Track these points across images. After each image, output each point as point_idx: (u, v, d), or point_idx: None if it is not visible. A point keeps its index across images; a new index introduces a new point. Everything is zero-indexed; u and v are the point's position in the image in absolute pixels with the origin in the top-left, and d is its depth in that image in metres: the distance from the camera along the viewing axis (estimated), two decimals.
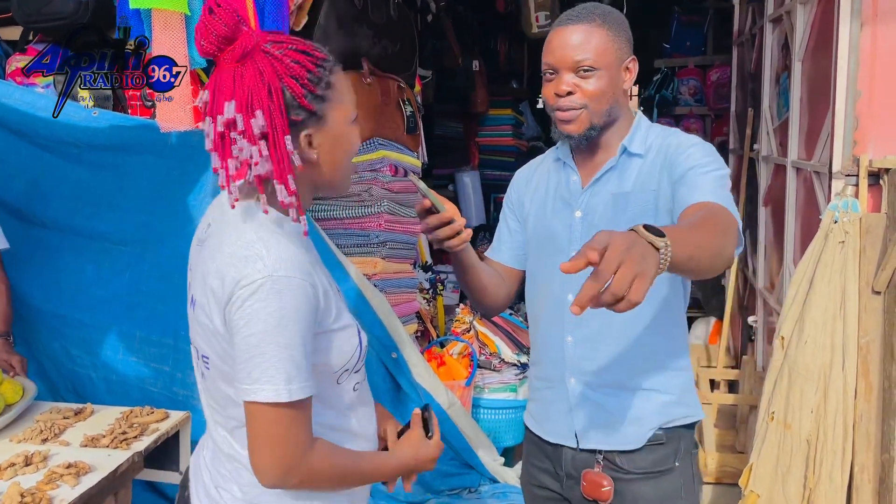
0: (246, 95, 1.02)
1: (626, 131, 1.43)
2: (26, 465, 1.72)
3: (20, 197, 2.69)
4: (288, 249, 1.05)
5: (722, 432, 3.31)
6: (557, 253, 1.46)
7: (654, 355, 1.44)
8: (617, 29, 1.37)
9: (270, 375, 1.02)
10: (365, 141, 2.66)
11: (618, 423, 1.44)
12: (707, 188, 1.30)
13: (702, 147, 1.38)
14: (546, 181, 1.53)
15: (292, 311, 1.02)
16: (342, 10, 2.57)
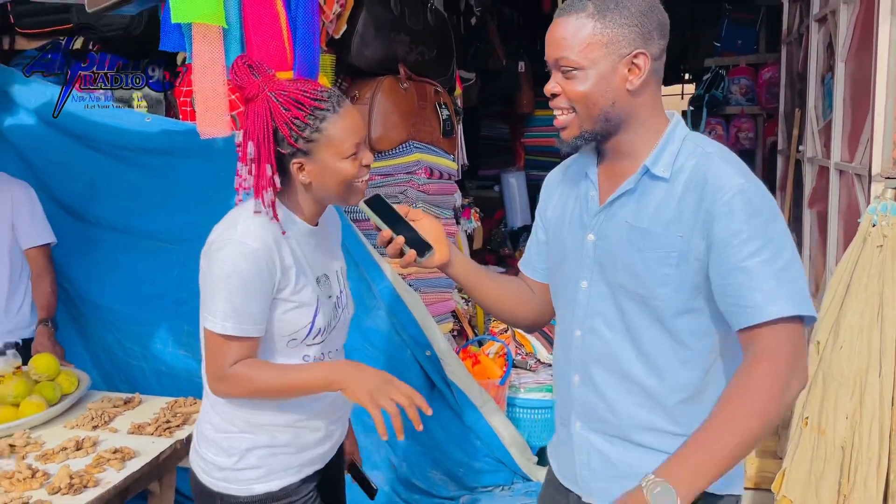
0: (247, 128, 1.34)
1: (650, 138, 1.21)
2: (77, 449, 1.84)
3: (78, 198, 2.86)
4: (258, 228, 1.34)
5: None
6: (568, 277, 1.31)
7: (669, 420, 1.22)
8: (613, 17, 1.14)
9: (214, 311, 1.35)
10: (401, 144, 2.73)
11: (619, 476, 1.25)
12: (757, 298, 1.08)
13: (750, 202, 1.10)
14: (569, 189, 1.35)
15: (242, 270, 1.32)
16: (379, 17, 2.64)
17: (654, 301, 1.18)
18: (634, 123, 1.20)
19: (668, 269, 1.16)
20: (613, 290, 1.23)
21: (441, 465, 2.65)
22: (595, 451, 1.30)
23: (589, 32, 1.15)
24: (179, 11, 1.60)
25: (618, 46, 1.15)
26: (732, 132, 5.37)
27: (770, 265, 1.08)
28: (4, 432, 1.92)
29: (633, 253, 1.19)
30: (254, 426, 1.46)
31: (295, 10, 1.70)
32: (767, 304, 1.08)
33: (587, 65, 1.15)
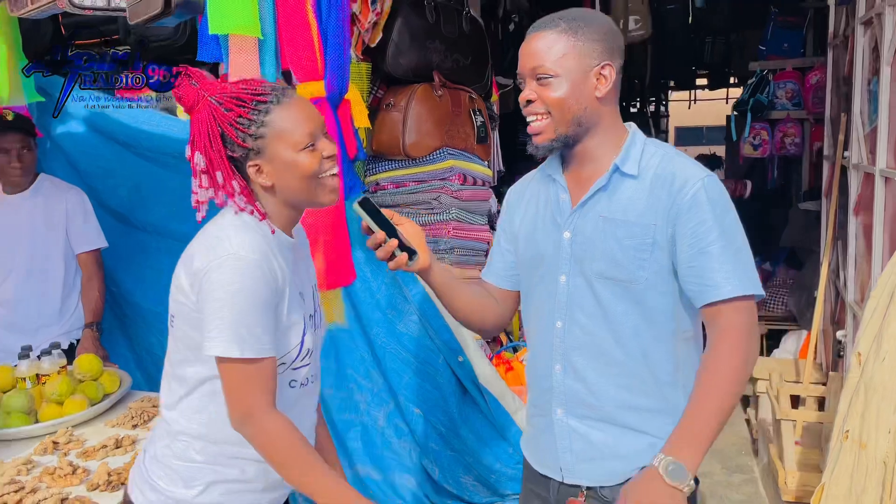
0: (192, 138, 1.27)
1: (614, 145, 1.37)
2: (116, 447, 1.90)
3: (125, 203, 2.95)
4: (250, 237, 1.26)
5: (805, 450, 3.18)
6: (546, 275, 1.43)
7: (646, 397, 1.38)
8: (585, 34, 1.31)
9: (224, 336, 1.21)
10: (434, 151, 2.75)
11: (603, 457, 1.40)
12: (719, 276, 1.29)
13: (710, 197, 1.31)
14: (536, 199, 1.48)
15: (248, 285, 1.22)
16: (414, 25, 2.67)
17: (632, 285, 1.34)
18: (600, 130, 1.36)
19: (645, 254, 1.33)
20: (590, 279, 1.37)
21: (473, 471, 2.65)
22: (577, 435, 1.41)
23: (563, 45, 1.31)
24: (216, 23, 1.65)
25: (588, 58, 1.31)
26: (778, 137, 5.25)
27: (727, 250, 1.29)
28: (48, 429, 1.99)
29: (611, 242, 1.34)
30: (222, 458, 1.34)
31: (326, 20, 1.73)
32: (726, 283, 1.29)
33: (562, 73, 1.31)
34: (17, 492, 1.62)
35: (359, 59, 2.56)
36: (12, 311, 2.63)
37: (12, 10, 1.96)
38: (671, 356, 1.38)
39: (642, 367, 1.37)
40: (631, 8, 4.95)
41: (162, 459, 1.35)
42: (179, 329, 1.32)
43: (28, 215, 2.61)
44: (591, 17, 1.35)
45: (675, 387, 1.38)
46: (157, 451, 1.36)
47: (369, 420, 2.63)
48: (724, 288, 1.29)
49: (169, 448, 1.35)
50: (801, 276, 4.97)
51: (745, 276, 1.31)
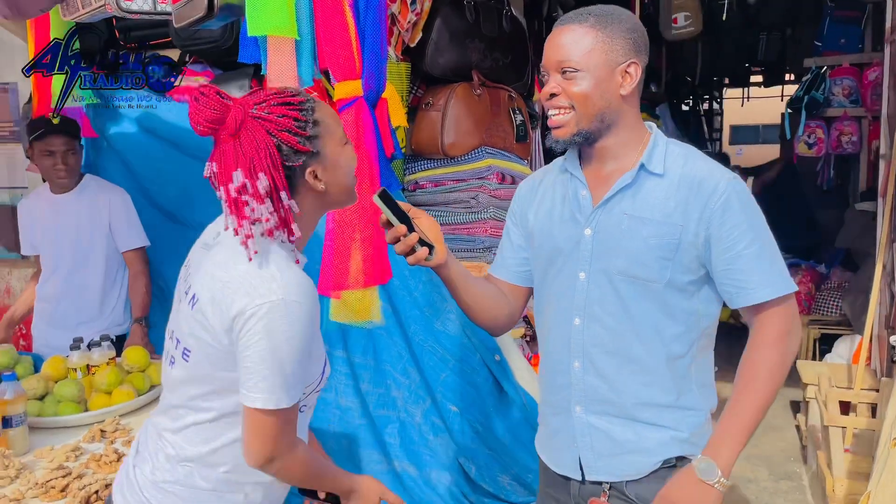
0: (248, 162, 1.14)
1: (635, 144, 1.37)
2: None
3: (173, 201, 3.04)
4: (296, 276, 1.19)
5: (855, 458, 3.08)
6: (563, 272, 1.42)
7: (664, 392, 1.38)
8: (613, 30, 1.31)
9: (263, 388, 1.16)
10: (473, 150, 2.75)
11: (624, 452, 1.40)
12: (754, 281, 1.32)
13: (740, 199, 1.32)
14: (552, 194, 1.47)
15: (295, 335, 1.16)
16: (454, 25, 2.68)
17: (654, 283, 1.34)
18: (622, 128, 1.36)
19: (669, 254, 1.32)
20: (612, 277, 1.36)
21: (510, 471, 2.65)
22: (598, 432, 1.41)
23: (591, 40, 1.30)
24: (255, 25, 1.69)
25: (615, 55, 1.31)
26: (834, 135, 5.10)
27: (762, 253, 1.32)
28: (97, 418, 2.07)
29: (636, 240, 1.34)
30: (227, 484, 1.30)
31: (364, 19, 1.76)
32: (764, 286, 1.32)
33: (587, 68, 1.30)
34: (64, 477, 1.69)
35: (398, 59, 2.58)
36: (55, 308, 2.74)
37: (65, 14, 2.04)
38: (689, 353, 1.39)
39: (662, 364, 1.37)
40: (681, 4, 4.86)
41: (163, 485, 1.28)
42: (198, 366, 1.24)
43: (73, 215, 2.71)
44: (619, 14, 1.34)
45: (689, 381, 1.40)
46: (156, 476, 1.29)
47: (406, 417, 2.65)
48: (762, 290, 1.32)
49: (170, 473, 1.29)
50: (857, 279, 4.82)
51: (781, 277, 1.33)
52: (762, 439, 3.97)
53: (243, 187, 1.14)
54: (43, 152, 2.64)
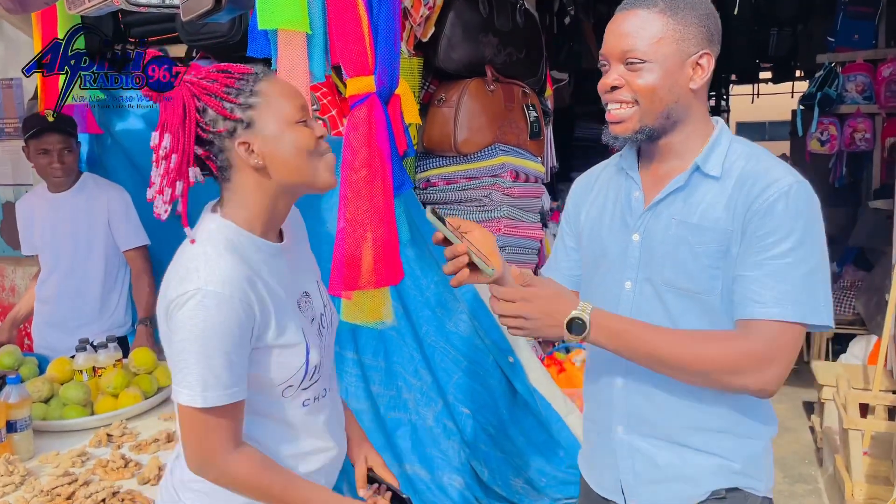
0: (162, 122, 1.13)
1: (699, 141, 1.23)
2: (168, 441, 1.92)
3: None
4: (225, 264, 1.12)
5: (874, 461, 3.03)
6: (609, 279, 1.31)
7: (717, 416, 1.25)
8: (685, 16, 1.16)
9: (189, 382, 1.11)
10: (486, 147, 2.70)
11: (668, 479, 1.28)
12: (768, 296, 1.13)
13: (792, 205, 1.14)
14: (605, 192, 1.36)
15: (216, 324, 1.09)
16: (467, 19, 2.62)
17: (705, 296, 1.20)
18: (689, 124, 1.23)
19: (719, 262, 1.18)
20: (659, 288, 1.25)
21: (522, 474, 2.60)
22: (640, 454, 1.30)
23: (660, 27, 1.16)
24: (265, 18, 1.64)
25: (687, 44, 1.18)
26: (847, 132, 5.03)
27: (794, 269, 1.13)
28: (103, 422, 2.03)
29: (684, 249, 1.21)
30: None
31: (377, 14, 1.71)
32: (776, 304, 1.13)
33: (656, 59, 1.17)
34: (70, 484, 1.65)
35: (410, 54, 2.53)
36: (55, 308, 2.69)
37: (70, 7, 1.99)
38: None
39: (720, 393, 1.22)
40: None
41: (190, 485, 1.26)
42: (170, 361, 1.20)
43: (71, 214, 2.65)
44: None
45: (746, 405, 1.25)
46: (184, 476, 1.27)
47: (418, 419, 2.60)
48: (771, 309, 1.13)
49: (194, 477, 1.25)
50: (871, 278, 4.76)
51: (803, 302, 1.14)
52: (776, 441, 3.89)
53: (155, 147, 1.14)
54: (38, 150, 2.59)
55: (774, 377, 1.14)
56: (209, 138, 1.15)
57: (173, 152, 1.13)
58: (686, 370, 1.17)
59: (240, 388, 1.15)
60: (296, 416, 1.27)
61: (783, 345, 1.14)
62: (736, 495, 1.26)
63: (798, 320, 1.14)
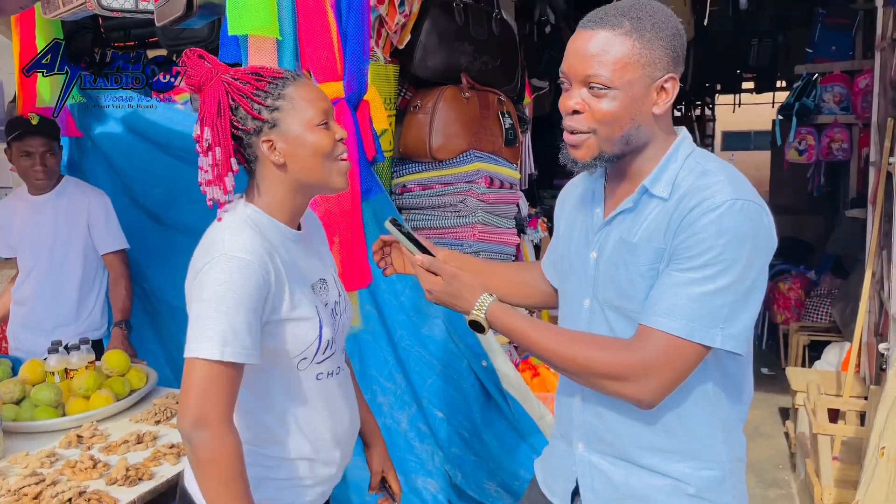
0: (202, 115, 1.25)
1: (657, 161, 1.18)
2: (138, 442, 1.92)
3: (158, 202, 3.00)
4: (247, 236, 1.23)
5: (844, 466, 3.07)
6: (571, 296, 1.32)
7: (669, 438, 1.21)
8: (651, 38, 1.10)
9: (209, 336, 1.16)
10: (461, 153, 2.73)
11: (624, 498, 1.26)
12: (662, 306, 1.10)
13: (716, 222, 1.08)
14: (579, 206, 1.34)
15: (238, 286, 1.18)
16: (443, 27, 2.65)
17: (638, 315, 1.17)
18: (650, 147, 1.19)
19: (652, 282, 1.15)
20: (605, 307, 1.24)
21: (496, 477, 2.62)
22: (598, 472, 1.29)
23: (626, 51, 1.10)
24: (235, 24, 1.66)
25: (653, 69, 1.12)
26: (824, 142, 5.10)
27: (696, 285, 1.09)
28: (74, 423, 2.03)
29: (622, 268, 1.19)
30: (270, 459, 1.34)
31: (346, 21, 1.73)
32: (666, 315, 1.10)
33: (621, 85, 1.11)
34: (37, 484, 1.65)
35: (386, 60, 2.56)
36: (31, 310, 2.70)
37: (45, 12, 2.01)
38: (704, 396, 1.20)
39: (666, 407, 1.18)
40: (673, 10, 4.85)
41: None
42: None
43: (51, 216, 2.66)
44: (658, 16, 1.12)
45: (705, 428, 1.21)
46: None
47: (392, 423, 2.62)
48: (660, 319, 1.10)
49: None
50: (847, 286, 4.82)
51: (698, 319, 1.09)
52: (750, 446, 3.94)
53: (198, 138, 1.25)
54: (21, 153, 2.60)
55: (652, 389, 1.12)
56: (238, 134, 1.26)
57: (216, 145, 1.23)
58: (570, 371, 1.19)
59: (254, 350, 1.21)
60: (311, 389, 1.35)
61: (667, 358, 1.10)
62: None
63: (685, 336, 1.09)
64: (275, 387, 1.32)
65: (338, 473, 1.44)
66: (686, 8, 4.81)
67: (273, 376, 1.31)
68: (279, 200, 1.31)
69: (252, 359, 1.20)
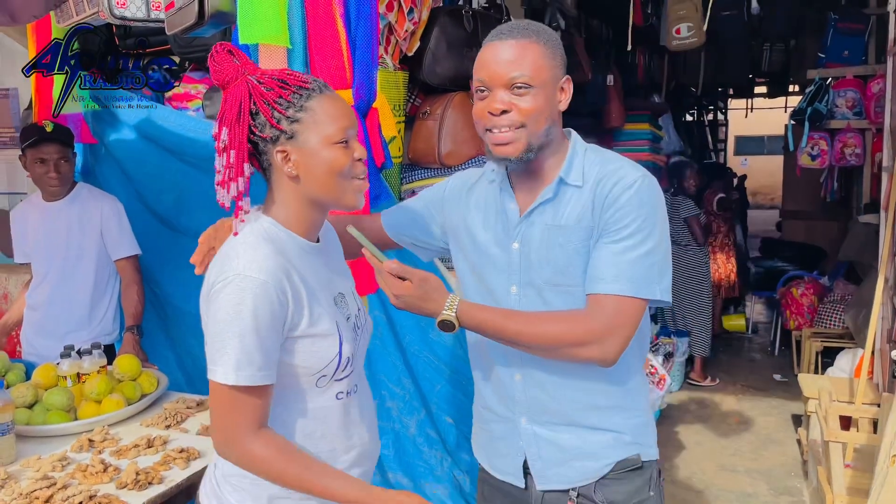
0: (222, 114, 1.22)
1: (561, 156, 1.38)
2: (148, 447, 1.94)
3: (169, 208, 3.03)
4: (262, 254, 1.21)
5: (856, 474, 3.04)
6: (496, 286, 1.43)
7: (605, 395, 1.41)
8: (552, 46, 1.32)
9: (223, 360, 1.17)
10: (470, 159, 2.73)
11: (572, 458, 1.42)
12: (609, 274, 1.30)
13: (635, 197, 1.31)
14: (485, 204, 1.48)
15: (251, 307, 1.16)
16: (452, 34, 2.66)
17: (579, 289, 1.34)
18: (555, 141, 1.37)
19: (586, 258, 1.33)
20: (540, 288, 1.38)
21: None
22: (544, 441, 1.43)
23: (539, 56, 1.30)
24: (246, 33, 1.68)
25: (557, 72, 1.34)
26: (837, 147, 5.08)
27: (631, 251, 1.30)
28: (86, 427, 2.05)
29: (555, 249, 1.35)
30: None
31: (355, 29, 1.75)
32: (614, 280, 1.29)
33: (540, 84, 1.30)
34: (48, 487, 1.67)
35: (395, 67, 2.57)
36: (44, 315, 2.73)
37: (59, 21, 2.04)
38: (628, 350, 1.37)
39: (598, 368, 1.37)
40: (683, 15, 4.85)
41: (230, 479, 1.32)
42: None
43: (64, 222, 2.70)
44: (547, 30, 1.36)
45: (625, 380, 1.42)
46: (226, 470, 1.33)
47: (401, 427, 2.62)
48: (610, 284, 1.29)
49: (231, 466, 1.30)
50: (860, 292, 4.78)
51: (638, 279, 1.29)
52: (762, 453, 3.93)
53: (216, 136, 1.23)
54: (35, 160, 2.63)
55: (614, 347, 1.30)
56: (255, 139, 1.24)
57: (231, 148, 1.21)
58: (540, 347, 1.33)
59: (270, 371, 1.21)
60: (329, 408, 1.33)
61: (622, 317, 1.30)
62: (632, 462, 1.42)
63: (633, 294, 1.29)
64: (293, 405, 1.30)
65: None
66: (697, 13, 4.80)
67: (291, 394, 1.29)
68: (294, 212, 1.29)
69: (267, 380, 1.20)
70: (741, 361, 5.88)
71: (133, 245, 2.76)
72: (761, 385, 5.23)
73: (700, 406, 4.83)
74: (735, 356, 6.02)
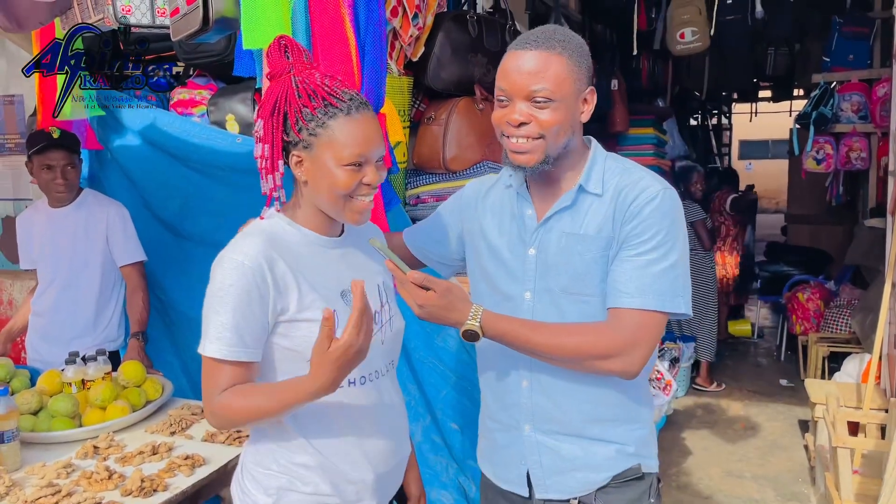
0: (261, 103, 1.30)
1: (581, 164, 1.38)
2: (153, 453, 1.94)
3: (175, 214, 3.02)
4: (251, 241, 1.28)
5: (864, 480, 3.02)
6: (511, 291, 1.43)
7: (609, 407, 1.41)
8: (578, 58, 1.30)
9: (204, 332, 1.28)
10: (475, 164, 2.73)
11: (573, 469, 1.42)
12: (632, 287, 1.29)
13: (658, 209, 1.30)
14: (500, 209, 1.48)
15: (227, 285, 1.24)
16: (456, 39, 2.66)
17: (596, 298, 1.34)
18: (574, 151, 1.37)
19: (605, 267, 1.33)
20: (555, 295, 1.38)
21: None
22: (546, 449, 1.43)
23: (562, 68, 1.29)
24: (250, 38, 1.68)
25: (581, 83, 1.32)
26: (843, 151, 5.07)
27: (654, 265, 1.30)
28: (90, 434, 2.05)
29: (574, 257, 1.35)
30: (297, 468, 1.36)
31: (364, 35, 1.74)
32: (638, 294, 1.29)
33: (561, 97, 1.29)
34: (53, 495, 1.67)
35: (400, 73, 2.57)
36: (49, 321, 2.73)
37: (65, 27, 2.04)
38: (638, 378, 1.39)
39: (605, 380, 1.38)
40: (687, 20, 4.85)
41: (249, 469, 1.41)
42: None
43: (70, 228, 2.70)
44: (576, 39, 1.34)
45: (631, 393, 1.42)
46: (246, 460, 1.43)
47: None
48: (634, 298, 1.29)
49: (253, 456, 1.41)
50: (867, 297, 4.76)
51: (662, 293, 1.30)
52: (769, 459, 3.91)
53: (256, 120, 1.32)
54: (42, 166, 2.64)
55: (637, 360, 1.31)
56: (284, 137, 1.30)
57: (265, 141, 1.29)
58: (563, 359, 1.33)
59: (245, 350, 1.26)
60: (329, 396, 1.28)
61: (645, 331, 1.30)
62: (632, 472, 1.43)
63: (657, 308, 1.29)
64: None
65: (372, 499, 1.41)
66: (701, 17, 4.80)
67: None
68: (303, 210, 1.36)
69: (238, 356, 1.25)
70: (747, 366, 5.86)
71: (139, 251, 2.76)
72: (768, 390, 5.20)
73: (706, 411, 4.81)
74: (741, 361, 5.99)
